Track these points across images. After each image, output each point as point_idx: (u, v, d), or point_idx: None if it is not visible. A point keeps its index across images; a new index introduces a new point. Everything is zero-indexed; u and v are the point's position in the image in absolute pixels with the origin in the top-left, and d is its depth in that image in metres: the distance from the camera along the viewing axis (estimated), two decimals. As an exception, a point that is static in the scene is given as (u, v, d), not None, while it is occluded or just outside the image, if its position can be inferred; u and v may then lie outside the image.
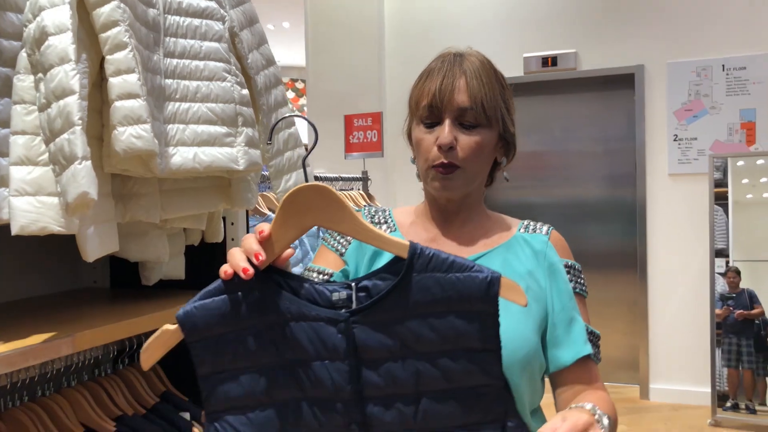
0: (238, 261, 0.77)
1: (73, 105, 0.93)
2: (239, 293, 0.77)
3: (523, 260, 1.04)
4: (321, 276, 1.07)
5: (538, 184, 4.64)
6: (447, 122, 1.00)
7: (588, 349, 1.00)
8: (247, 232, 1.59)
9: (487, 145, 1.02)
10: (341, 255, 1.09)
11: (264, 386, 0.77)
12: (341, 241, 1.10)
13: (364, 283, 0.78)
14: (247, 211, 1.61)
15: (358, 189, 3.37)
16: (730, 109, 4.12)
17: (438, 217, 1.10)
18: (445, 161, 1.00)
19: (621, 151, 4.49)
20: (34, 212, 0.98)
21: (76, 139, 0.92)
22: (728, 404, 3.81)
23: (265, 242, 0.78)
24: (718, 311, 3.87)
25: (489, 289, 0.76)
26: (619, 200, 4.50)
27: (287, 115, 1.44)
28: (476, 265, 0.77)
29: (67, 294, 1.56)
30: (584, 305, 1.07)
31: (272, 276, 0.79)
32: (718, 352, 3.87)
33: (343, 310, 0.77)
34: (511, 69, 4.45)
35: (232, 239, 1.56)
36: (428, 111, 1.02)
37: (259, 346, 0.78)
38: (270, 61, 1.47)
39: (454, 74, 1.01)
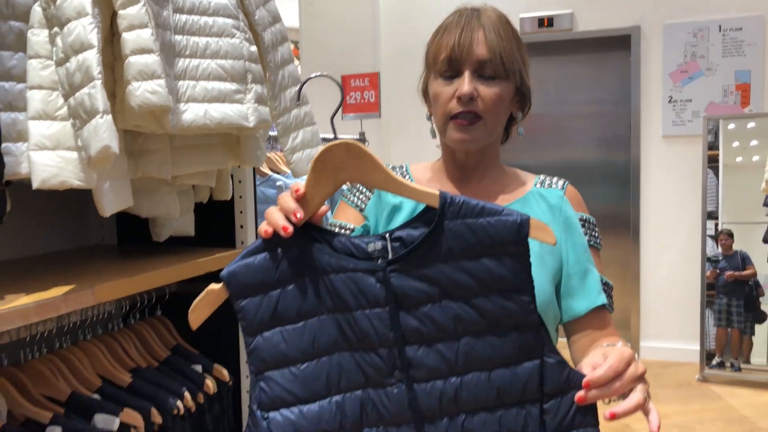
0: (276, 219, 0.79)
1: (93, 59, 0.94)
2: (279, 250, 0.80)
3: (539, 215, 1.06)
4: (342, 231, 1.09)
5: (532, 146, 4.66)
6: (467, 74, 1.01)
7: (602, 299, 1.04)
8: (254, 190, 1.61)
9: (505, 97, 1.04)
10: (361, 210, 1.11)
11: (309, 339, 0.80)
12: (361, 197, 1.13)
13: (398, 233, 0.81)
14: (254, 170, 1.62)
15: (356, 150, 3.38)
16: (726, 70, 4.14)
17: (455, 173, 1.12)
18: (465, 110, 1.01)
19: (615, 113, 4.50)
20: (54, 166, 1.00)
21: (96, 93, 0.93)
22: (714, 362, 3.92)
23: (301, 200, 0.80)
24: (709, 272, 3.95)
25: (519, 230, 0.79)
26: (613, 162, 4.53)
27: (316, 75, 1.44)
28: (505, 209, 0.80)
29: (76, 251, 1.58)
30: (598, 257, 1.11)
31: (309, 232, 0.81)
32: (707, 312, 3.96)
33: (380, 261, 0.80)
34: (508, 30, 4.40)
35: (240, 197, 1.58)
36: (447, 64, 1.03)
37: (302, 301, 0.80)
38: (276, 18, 1.47)
39: (473, 27, 1.02)
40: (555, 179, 1.13)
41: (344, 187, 0.98)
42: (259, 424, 0.80)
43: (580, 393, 0.79)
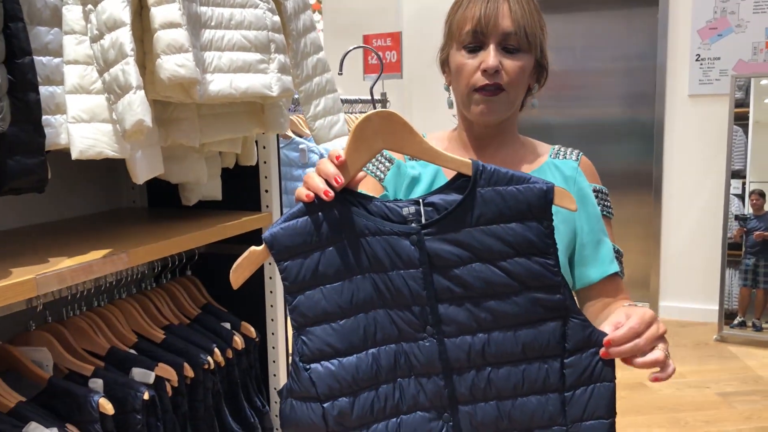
0: (318, 184, 0.84)
1: (125, 36, 0.98)
2: (320, 214, 0.86)
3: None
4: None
5: (555, 103, 4.62)
6: (491, 47, 1.03)
7: (615, 267, 1.08)
8: (278, 155, 1.66)
9: (527, 69, 1.07)
10: (381, 180, 1.15)
11: (347, 297, 0.86)
12: (380, 167, 1.17)
13: (431, 199, 0.87)
14: (278, 135, 1.67)
15: (378, 111, 3.40)
16: (756, 27, 4.03)
17: (472, 144, 1.15)
18: (490, 83, 1.04)
19: (641, 71, 4.43)
20: (90, 138, 1.05)
21: (129, 69, 0.98)
22: (735, 321, 3.94)
23: (341, 166, 0.85)
24: (736, 231, 3.93)
25: (545, 197, 0.85)
26: (637, 120, 4.49)
27: (355, 47, 1.47)
28: (532, 177, 0.86)
29: (110, 213, 1.66)
30: (610, 226, 1.15)
31: (347, 197, 0.87)
32: (728, 272, 3.97)
33: (414, 224, 0.86)
34: (532, -14, 4.33)
35: (264, 162, 1.63)
36: (471, 36, 1.05)
37: (341, 261, 0.86)
38: (298, -14, 1.49)
39: (497, 0, 1.04)
40: (569, 150, 1.16)
41: None
42: (301, 374, 0.87)
43: (603, 350, 0.85)
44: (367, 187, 1.16)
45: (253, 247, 0.88)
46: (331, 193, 0.83)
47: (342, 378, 0.86)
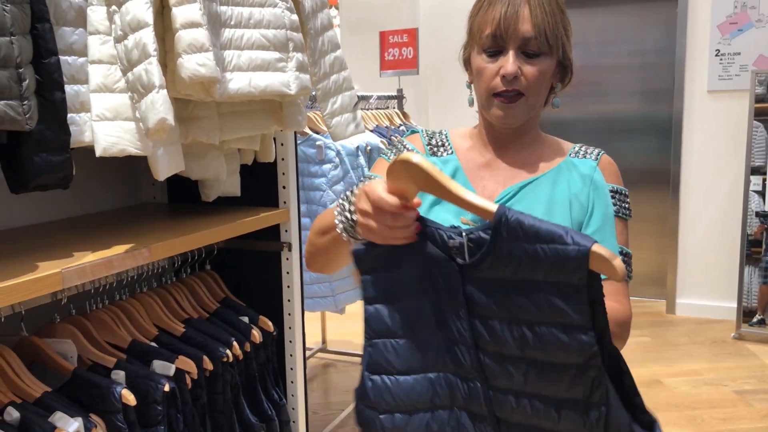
0: (406, 233, 0.84)
1: (148, 37, 1.01)
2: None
3: (570, 185, 1.09)
4: None
5: (571, 99, 4.60)
6: (511, 52, 1.03)
7: None
8: (296, 152, 1.68)
9: (548, 72, 1.06)
10: None
11: (409, 318, 0.88)
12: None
13: (473, 235, 0.81)
14: (295, 133, 1.69)
15: (393, 107, 3.41)
16: (777, 22, 3.99)
17: (493, 142, 1.14)
18: (509, 89, 1.03)
19: (658, 66, 4.40)
20: (114, 136, 1.08)
21: (153, 69, 1.00)
22: (754, 320, 3.91)
23: (400, 196, 0.84)
24: (756, 228, 3.90)
25: (578, 264, 0.74)
26: (655, 116, 4.45)
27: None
28: (562, 235, 0.75)
29: (131, 209, 1.69)
30: (625, 227, 1.12)
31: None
32: (747, 269, 3.93)
33: (459, 259, 0.83)
34: (550, -19, 4.31)
35: (282, 159, 1.65)
36: (491, 40, 1.04)
37: (406, 283, 0.87)
38: (316, -15, 1.50)
39: (518, 2, 1.02)
40: (591, 149, 1.15)
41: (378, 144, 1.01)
42: (365, 383, 0.90)
43: None
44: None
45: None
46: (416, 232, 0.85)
47: (397, 395, 0.89)
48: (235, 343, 1.47)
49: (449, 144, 1.18)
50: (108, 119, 1.08)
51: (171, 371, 1.29)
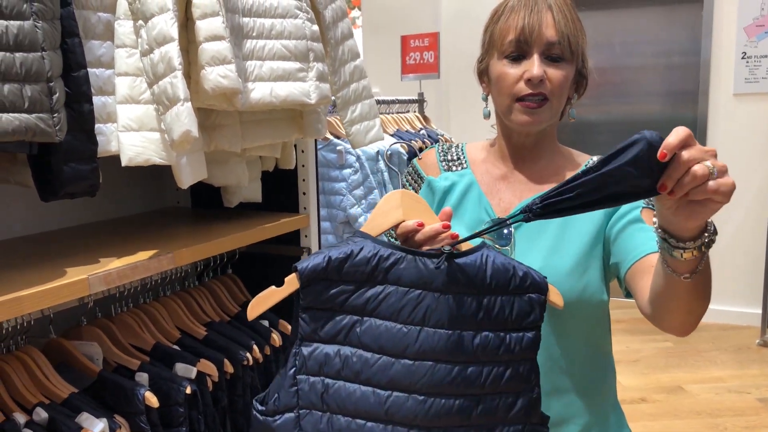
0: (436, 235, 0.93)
1: (174, 51, 1.04)
2: None
3: None
4: None
5: (595, 101, 4.58)
6: (536, 56, 1.04)
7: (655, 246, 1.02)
8: (316, 159, 1.71)
9: (569, 78, 1.07)
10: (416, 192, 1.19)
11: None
12: (414, 185, 1.20)
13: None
14: (315, 140, 1.71)
15: (414, 111, 3.43)
16: (806, 24, 3.92)
17: (511, 153, 1.15)
18: (534, 92, 1.04)
19: (683, 69, 4.36)
20: (139, 146, 1.12)
21: (178, 83, 1.03)
22: (780, 325, 3.85)
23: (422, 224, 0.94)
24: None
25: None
26: (679, 118, 4.41)
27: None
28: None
29: (156, 213, 1.73)
30: (652, 214, 1.07)
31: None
32: (773, 275, 3.87)
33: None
34: (573, -17, 4.29)
35: (303, 165, 1.68)
36: (515, 45, 1.05)
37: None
38: (336, -5, 1.53)
39: (540, 9, 1.04)
40: None
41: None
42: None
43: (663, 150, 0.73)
44: None
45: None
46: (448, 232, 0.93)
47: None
48: (255, 346, 1.50)
49: (465, 158, 1.19)
50: (133, 129, 1.11)
51: (193, 374, 1.33)
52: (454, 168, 1.18)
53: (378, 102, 3.09)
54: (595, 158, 1.17)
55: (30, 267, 1.12)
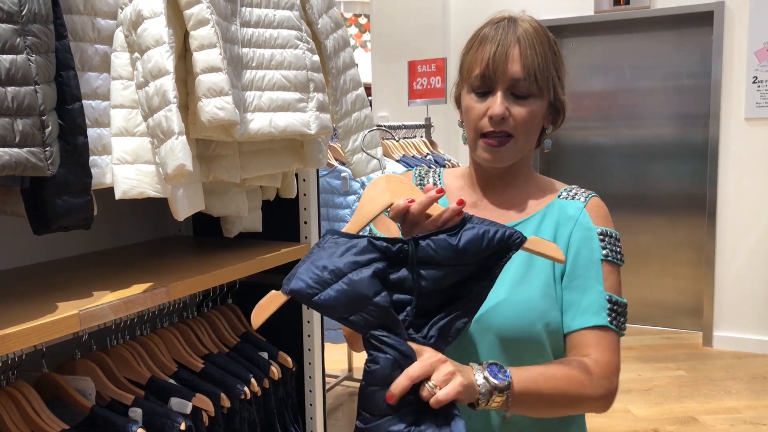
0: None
1: (169, 84, 1.03)
2: None
3: (554, 227, 1.06)
4: None
5: (605, 125, 4.55)
6: (499, 93, 1.01)
7: (595, 320, 1.00)
8: (318, 187, 1.69)
9: (538, 114, 1.03)
10: None
11: None
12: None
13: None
14: (317, 169, 1.70)
15: (421, 136, 3.41)
16: (817, 48, 3.89)
17: (481, 182, 1.12)
18: (496, 130, 1.01)
19: (694, 93, 4.32)
20: (134, 179, 1.10)
21: (172, 116, 1.02)
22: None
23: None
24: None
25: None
26: (690, 142, 4.38)
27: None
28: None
29: (156, 242, 1.72)
30: (617, 273, 1.06)
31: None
32: (787, 301, 3.80)
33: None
34: (581, 8, 4.30)
35: (304, 194, 1.66)
36: (480, 80, 1.02)
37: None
38: (338, 24, 1.52)
39: (508, 42, 1.00)
40: (582, 191, 1.10)
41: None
42: None
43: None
44: (390, 230, 1.16)
45: None
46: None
47: None
48: (253, 379, 1.47)
49: (441, 184, 1.17)
50: (128, 162, 1.10)
51: (188, 409, 1.30)
52: None
53: (383, 127, 3.08)
54: (569, 188, 1.13)
55: (21, 301, 1.10)
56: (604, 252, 1.05)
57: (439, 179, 1.19)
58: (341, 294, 0.85)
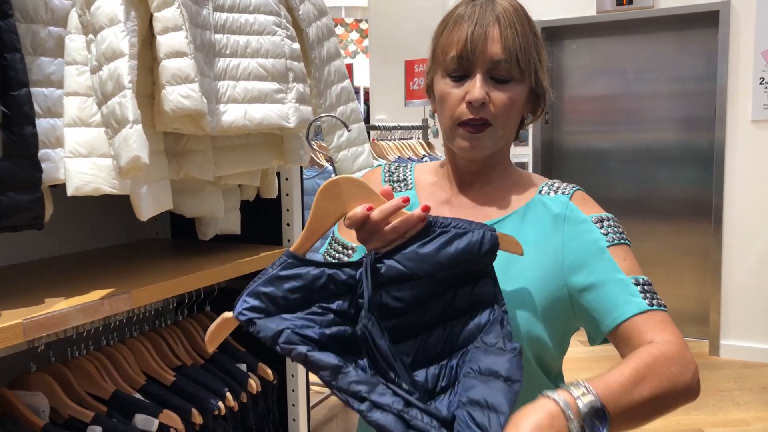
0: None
1: (123, 67, 0.92)
2: None
3: (539, 227, 0.95)
4: (345, 251, 1.04)
5: (608, 128, 4.44)
6: (478, 76, 0.91)
7: (635, 307, 0.89)
8: (302, 187, 1.59)
9: (519, 100, 0.93)
10: None
11: None
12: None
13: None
14: (301, 167, 1.59)
15: (418, 138, 3.31)
16: (826, 49, 3.79)
17: (456, 176, 1.02)
18: (475, 117, 0.91)
19: (699, 95, 4.22)
20: (88, 174, 1.00)
21: (126, 103, 0.92)
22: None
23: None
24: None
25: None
26: (696, 146, 4.27)
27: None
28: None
29: (130, 245, 1.61)
30: (629, 253, 0.94)
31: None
32: (796, 309, 3.68)
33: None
34: (582, 7, 4.20)
35: (287, 194, 1.55)
36: (457, 63, 0.92)
37: None
38: (322, 12, 1.42)
39: (487, 21, 0.91)
40: (564, 185, 1.00)
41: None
42: None
43: None
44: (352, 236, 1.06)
45: None
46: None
47: None
48: (228, 393, 1.36)
49: (411, 179, 1.07)
50: (82, 155, 1.00)
51: (153, 426, 1.19)
52: (397, 188, 1.05)
53: (379, 128, 2.98)
54: (551, 182, 1.02)
55: (-36, 309, 0.99)
56: (608, 238, 0.93)
57: (411, 174, 1.08)
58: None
